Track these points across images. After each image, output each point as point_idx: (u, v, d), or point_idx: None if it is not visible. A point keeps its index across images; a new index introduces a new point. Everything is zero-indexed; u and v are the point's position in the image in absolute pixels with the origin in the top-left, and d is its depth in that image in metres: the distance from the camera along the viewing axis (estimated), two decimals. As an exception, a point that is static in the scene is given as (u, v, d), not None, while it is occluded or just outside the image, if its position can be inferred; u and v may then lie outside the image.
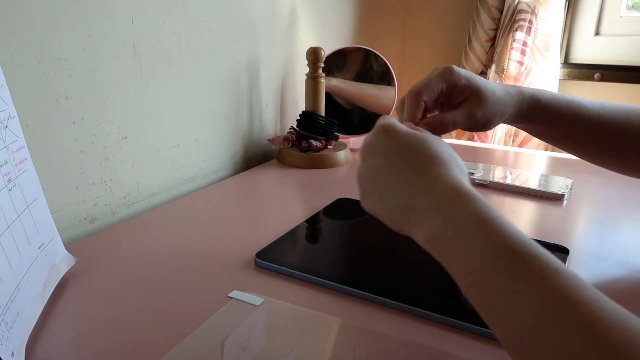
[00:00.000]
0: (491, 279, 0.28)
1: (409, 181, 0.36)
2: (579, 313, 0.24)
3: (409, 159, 0.37)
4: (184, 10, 0.72)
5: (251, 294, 0.45)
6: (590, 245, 0.59)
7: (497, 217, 0.31)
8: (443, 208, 0.33)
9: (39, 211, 0.45)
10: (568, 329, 0.24)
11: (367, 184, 0.39)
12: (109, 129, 0.64)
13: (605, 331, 0.23)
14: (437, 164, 0.36)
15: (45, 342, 0.39)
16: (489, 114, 0.47)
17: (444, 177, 0.34)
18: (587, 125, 0.51)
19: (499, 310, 0.27)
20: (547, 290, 0.26)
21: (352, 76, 1.01)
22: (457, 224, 0.31)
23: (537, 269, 0.27)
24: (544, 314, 0.25)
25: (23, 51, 0.52)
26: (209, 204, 0.70)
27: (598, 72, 1.25)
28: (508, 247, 0.28)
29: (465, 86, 0.47)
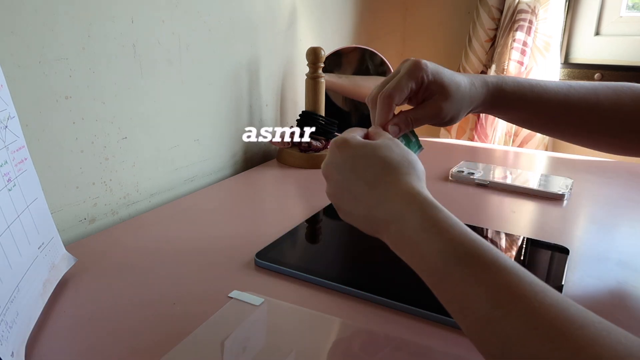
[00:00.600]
0: (450, 278, 0.31)
1: (365, 194, 0.38)
2: (522, 307, 0.27)
3: (363, 170, 0.39)
4: (184, 10, 0.72)
5: (251, 294, 0.45)
6: (590, 245, 0.59)
7: (446, 219, 0.34)
8: (398, 218, 0.36)
9: (39, 211, 0.45)
10: (512, 323, 0.27)
11: (334, 200, 0.42)
12: (109, 129, 0.64)
13: (545, 322, 0.26)
14: (388, 172, 0.38)
15: (45, 342, 0.39)
16: (454, 109, 0.48)
17: (396, 186, 0.37)
18: (554, 108, 0.51)
19: (458, 305, 0.31)
20: (495, 286, 0.29)
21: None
22: (412, 232, 0.34)
23: (486, 266, 0.30)
24: (492, 309, 0.28)
25: (23, 51, 0.52)
26: (209, 204, 0.70)
27: (598, 72, 1.25)
28: (459, 248, 0.31)
29: (432, 82, 0.47)
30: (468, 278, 0.30)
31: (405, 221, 0.35)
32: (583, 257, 0.56)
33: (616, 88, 0.52)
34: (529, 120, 0.54)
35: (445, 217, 0.34)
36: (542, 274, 0.52)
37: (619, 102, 0.51)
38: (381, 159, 0.39)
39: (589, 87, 0.52)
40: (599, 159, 0.95)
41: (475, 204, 0.72)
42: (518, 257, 0.55)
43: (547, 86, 0.51)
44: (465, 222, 0.64)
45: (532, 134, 1.24)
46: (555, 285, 0.49)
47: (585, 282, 0.51)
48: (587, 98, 0.51)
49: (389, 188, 0.37)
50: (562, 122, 0.53)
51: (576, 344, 0.25)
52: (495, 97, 0.51)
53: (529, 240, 0.59)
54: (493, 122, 1.25)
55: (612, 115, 0.51)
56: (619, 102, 0.51)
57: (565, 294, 0.48)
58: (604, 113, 0.51)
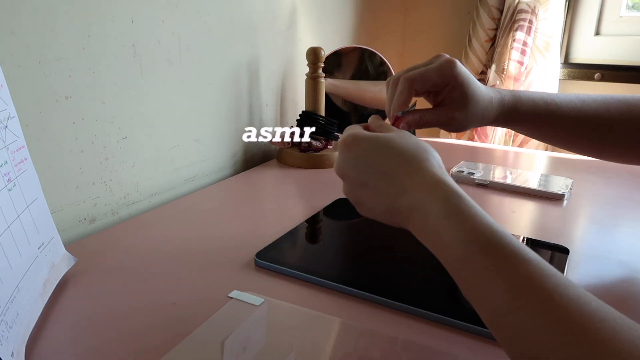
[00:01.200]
0: (470, 267, 0.31)
1: (386, 186, 0.38)
2: (541, 300, 0.27)
3: (380, 163, 0.38)
4: (184, 10, 0.72)
5: (251, 294, 0.45)
6: (590, 245, 0.59)
7: (469, 208, 0.34)
8: (421, 206, 0.35)
9: (39, 211, 0.45)
10: (530, 315, 0.27)
11: (354, 198, 0.41)
12: (109, 129, 0.64)
13: (564, 315, 0.26)
14: (407, 162, 0.37)
15: (45, 342, 0.39)
16: (465, 122, 0.49)
17: (417, 174, 0.37)
18: (567, 123, 0.52)
19: (478, 294, 0.30)
20: (514, 277, 0.29)
21: (351, 76, 1.02)
22: (435, 219, 0.34)
23: (507, 257, 0.30)
24: (511, 301, 0.28)
25: (23, 51, 0.52)
26: (209, 204, 0.70)
27: (598, 72, 1.25)
28: (481, 238, 0.31)
29: (458, 87, 0.47)
30: (488, 268, 0.30)
31: (428, 209, 0.35)
32: (583, 257, 0.56)
33: (627, 101, 0.52)
34: (542, 134, 0.55)
35: (468, 205, 0.34)
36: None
37: (630, 115, 0.52)
38: (397, 149, 0.38)
39: (600, 101, 0.52)
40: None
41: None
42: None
43: (560, 102, 0.52)
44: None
45: (532, 134, 1.24)
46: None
47: (585, 282, 0.51)
48: (599, 112, 0.52)
49: (410, 177, 0.37)
50: (574, 136, 0.54)
51: (595, 337, 0.25)
52: (509, 115, 0.51)
53: (529, 240, 0.59)
54: (493, 122, 1.25)
55: (623, 128, 0.52)
56: (630, 115, 0.52)
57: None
58: (615, 125, 0.52)
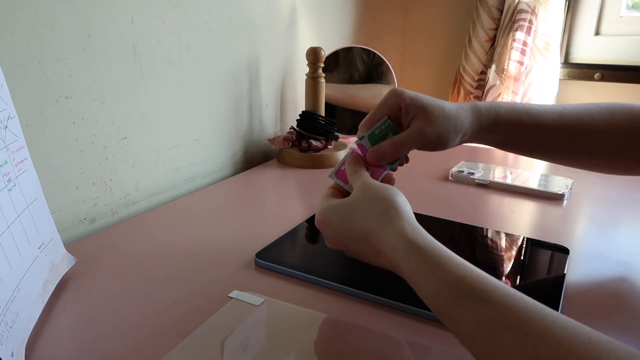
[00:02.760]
0: (446, 318, 0.33)
1: (364, 248, 0.41)
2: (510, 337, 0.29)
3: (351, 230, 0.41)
4: (184, 10, 0.72)
5: (251, 294, 0.45)
6: (590, 245, 0.59)
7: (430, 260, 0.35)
8: (395, 265, 0.38)
9: (39, 211, 0.45)
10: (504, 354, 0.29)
11: (357, 257, 0.44)
12: (109, 129, 0.64)
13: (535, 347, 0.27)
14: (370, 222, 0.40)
15: (45, 342, 0.39)
16: (440, 129, 0.47)
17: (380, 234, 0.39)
18: (551, 132, 0.51)
19: (460, 337, 0.32)
20: (484, 321, 0.30)
21: (351, 77, 1.01)
22: (409, 278, 0.36)
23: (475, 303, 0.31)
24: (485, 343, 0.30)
25: (23, 51, 0.52)
26: (209, 204, 0.70)
27: (598, 72, 1.25)
28: (449, 288, 0.33)
29: (410, 105, 0.47)
30: (459, 317, 0.32)
31: (399, 268, 0.37)
32: (583, 257, 0.56)
33: (610, 107, 0.51)
34: (525, 143, 0.53)
35: (429, 257, 0.35)
36: (542, 274, 0.52)
37: (613, 122, 0.50)
38: (359, 211, 0.41)
39: (582, 108, 0.51)
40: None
41: (475, 204, 0.72)
42: (518, 257, 0.55)
43: (541, 109, 0.51)
44: (466, 222, 0.64)
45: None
46: (555, 285, 0.49)
47: (585, 282, 0.51)
48: (582, 118, 0.51)
49: (376, 237, 0.39)
50: (557, 143, 0.52)
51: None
52: (492, 120, 0.50)
53: (529, 240, 0.59)
54: (493, 122, 1.25)
55: (606, 135, 0.51)
56: (613, 122, 0.50)
57: (565, 294, 0.48)
58: (598, 133, 0.50)
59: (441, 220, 0.64)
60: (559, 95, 1.27)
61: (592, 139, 0.51)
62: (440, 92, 1.48)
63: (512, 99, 1.21)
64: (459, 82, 1.32)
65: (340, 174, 0.48)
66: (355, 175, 0.46)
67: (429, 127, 0.46)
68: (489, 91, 1.24)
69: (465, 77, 1.30)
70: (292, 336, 0.41)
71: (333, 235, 0.43)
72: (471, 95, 1.30)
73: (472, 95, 1.30)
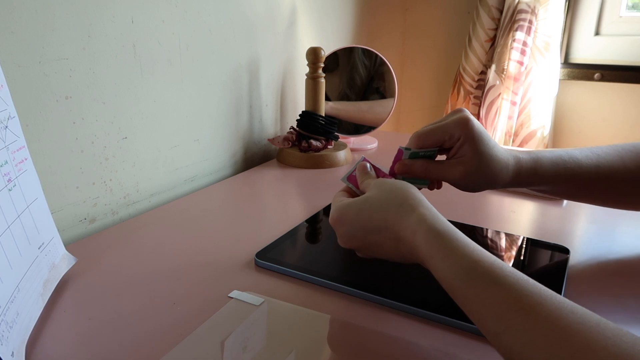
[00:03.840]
0: (460, 299, 0.35)
1: (384, 238, 0.42)
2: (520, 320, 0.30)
3: (369, 223, 0.42)
4: (184, 10, 0.72)
5: (251, 294, 0.45)
6: (590, 245, 0.59)
7: (448, 244, 0.37)
8: (415, 250, 0.39)
9: (39, 211, 0.45)
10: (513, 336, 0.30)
11: (369, 255, 0.45)
12: (109, 129, 0.64)
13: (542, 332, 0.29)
14: (388, 212, 0.41)
15: (45, 342, 0.39)
16: (475, 179, 0.47)
17: (400, 222, 0.40)
18: (586, 182, 0.51)
19: (474, 319, 0.34)
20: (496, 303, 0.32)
21: (351, 77, 1.01)
22: (426, 262, 0.38)
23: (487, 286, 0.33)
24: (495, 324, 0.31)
25: (23, 51, 0.52)
26: (209, 204, 0.70)
27: (598, 72, 1.25)
28: (461, 272, 0.35)
29: (469, 141, 0.46)
30: (472, 299, 0.33)
31: (418, 252, 0.39)
32: (583, 257, 0.56)
33: (638, 150, 0.52)
34: (561, 193, 0.55)
35: (447, 241, 0.37)
36: (542, 274, 0.52)
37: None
38: (377, 204, 0.42)
39: (613, 154, 0.52)
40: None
41: (475, 204, 0.72)
42: (518, 257, 0.55)
43: (579, 160, 0.51)
44: (466, 222, 0.64)
45: (532, 134, 1.24)
46: (556, 285, 0.49)
47: (585, 282, 0.51)
48: (615, 166, 0.51)
49: (396, 226, 0.40)
50: (595, 193, 0.54)
51: (572, 349, 0.27)
52: (530, 175, 0.50)
53: (529, 240, 0.59)
54: (493, 122, 1.25)
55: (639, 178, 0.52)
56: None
57: (565, 294, 0.48)
58: (631, 178, 0.52)
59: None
60: (558, 95, 1.27)
61: (625, 185, 0.52)
62: (440, 92, 1.48)
63: (512, 99, 1.21)
64: (459, 82, 1.32)
65: (352, 178, 0.50)
66: (366, 179, 0.47)
67: (467, 170, 0.47)
68: (489, 91, 1.24)
69: (465, 77, 1.30)
70: (292, 336, 0.41)
71: (348, 231, 0.44)
72: (471, 95, 1.31)
73: (472, 95, 1.30)
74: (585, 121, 1.31)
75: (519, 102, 1.22)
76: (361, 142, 1.03)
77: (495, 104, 1.23)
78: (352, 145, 1.00)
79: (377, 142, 1.04)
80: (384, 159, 0.96)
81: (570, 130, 1.33)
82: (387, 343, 0.40)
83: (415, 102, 1.53)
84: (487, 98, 1.25)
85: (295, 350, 0.39)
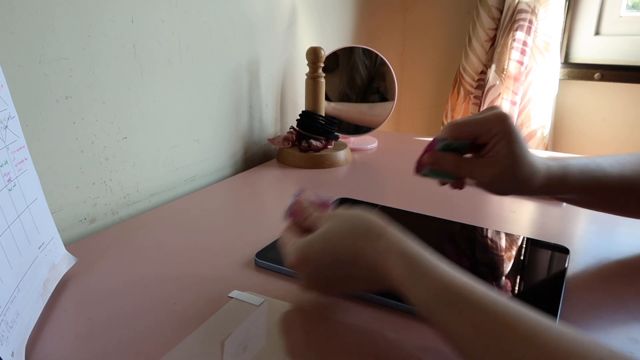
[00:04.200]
0: (437, 324, 0.33)
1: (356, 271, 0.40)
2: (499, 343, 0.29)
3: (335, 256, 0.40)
4: (184, 10, 0.72)
5: (251, 294, 0.45)
6: (590, 245, 0.59)
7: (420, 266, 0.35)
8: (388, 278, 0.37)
9: (39, 211, 0.45)
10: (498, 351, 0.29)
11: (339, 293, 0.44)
12: (109, 129, 0.64)
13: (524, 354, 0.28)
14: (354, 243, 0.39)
15: (45, 342, 0.39)
16: (506, 179, 0.45)
17: (368, 250, 0.38)
18: (612, 190, 0.51)
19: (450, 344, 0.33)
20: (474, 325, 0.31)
21: (351, 77, 1.01)
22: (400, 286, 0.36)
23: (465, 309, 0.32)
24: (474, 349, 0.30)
25: (23, 51, 0.52)
26: (209, 204, 0.70)
27: (598, 72, 1.25)
28: (439, 293, 0.33)
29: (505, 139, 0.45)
30: (449, 320, 0.32)
31: (392, 278, 0.37)
32: (583, 257, 0.56)
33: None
34: (588, 203, 0.54)
35: (418, 265, 0.35)
36: (542, 274, 0.52)
37: None
38: (340, 234, 0.40)
39: (636, 163, 0.51)
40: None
41: (475, 204, 0.72)
42: (518, 257, 0.55)
43: (605, 169, 0.50)
44: (466, 222, 0.64)
45: (532, 134, 1.24)
46: (556, 285, 0.49)
47: (585, 281, 0.51)
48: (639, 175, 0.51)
49: (366, 254, 0.38)
50: (617, 200, 0.53)
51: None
52: (556, 187, 0.49)
53: (529, 240, 0.59)
54: (493, 122, 1.25)
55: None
56: None
57: (565, 294, 0.48)
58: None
59: (441, 220, 0.64)
60: (558, 95, 1.27)
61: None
62: (440, 92, 1.48)
63: (512, 99, 1.21)
64: (459, 82, 1.32)
65: (294, 214, 0.46)
66: (314, 212, 0.45)
67: (499, 169, 0.45)
68: (489, 91, 1.24)
69: (465, 77, 1.30)
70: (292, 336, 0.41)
71: (315, 272, 0.41)
72: (471, 95, 1.31)
73: (472, 95, 1.30)
74: (585, 121, 1.31)
75: (519, 102, 1.22)
76: (361, 142, 1.03)
77: (495, 104, 1.23)
78: (352, 145, 1.00)
79: (377, 142, 1.04)
80: (384, 159, 0.96)
81: (570, 130, 1.33)
82: (387, 343, 0.40)
83: (415, 102, 1.53)
84: (487, 98, 1.25)
85: (295, 351, 0.39)
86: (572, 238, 0.61)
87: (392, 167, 0.91)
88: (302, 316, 0.43)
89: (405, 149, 1.04)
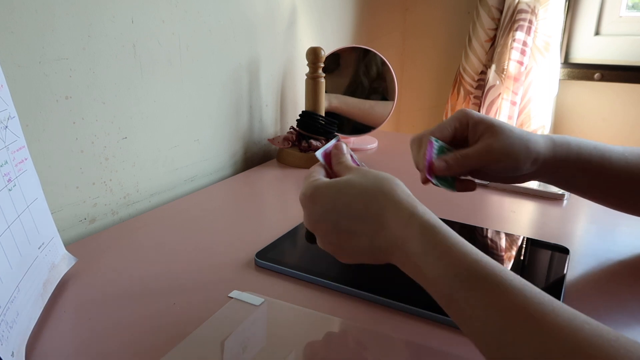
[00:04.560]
0: (457, 304, 0.31)
1: (361, 226, 0.37)
2: (531, 330, 0.27)
3: (348, 207, 0.38)
4: (184, 10, 0.72)
5: (251, 294, 0.45)
6: (590, 245, 0.59)
7: (445, 240, 0.33)
8: (400, 243, 0.35)
9: (39, 211, 0.45)
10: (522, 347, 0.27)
11: (332, 248, 0.40)
12: (109, 129, 0.64)
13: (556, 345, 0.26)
14: (373, 198, 0.37)
15: (45, 342, 0.39)
16: (508, 148, 0.45)
17: (388, 210, 0.36)
18: (615, 172, 0.49)
19: (471, 329, 0.30)
20: (502, 310, 0.28)
21: (351, 77, 1.01)
22: (415, 258, 0.34)
23: (491, 289, 0.29)
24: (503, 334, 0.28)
25: (23, 51, 0.52)
26: (209, 204, 0.70)
27: (598, 72, 1.25)
28: (462, 272, 0.31)
29: (479, 122, 0.47)
30: (475, 302, 0.30)
31: (407, 246, 0.35)
32: (583, 257, 0.56)
33: None
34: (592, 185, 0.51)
35: (444, 237, 0.33)
36: (542, 274, 0.52)
37: None
38: (360, 187, 0.38)
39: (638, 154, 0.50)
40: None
41: (475, 204, 0.72)
42: (518, 257, 0.55)
43: (605, 146, 0.49)
44: (466, 222, 0.64)
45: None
46: (556, 285, 0.49)
47: (585, 282, 0.51)
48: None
49: (382, 214, 0.36)
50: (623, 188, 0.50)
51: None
52: (565, 151, 0.48)
53: (529, 240, 0.59)
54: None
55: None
56: None
57: (565, 294, 0.48)
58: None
59: (441, 220, 0.64)
60: (558, 95, 1.27)
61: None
62: (440, 92, 1.48)
63: (512, 99, 1.21)
64: (459, 82, 1.32)
65: (326, 157, 0.45)
66: (343, 161, 0.43)
67: (496, 143, 0.45)
68: (489, 91, 1.24)
69: (465, 77, 1.30)
70: (292, 336, 0.41)
71: (319, 211, 0.39)
72: (471, 95, 1.30)
73: (472, 95, 1.30)
74: (585, 121, 1.31)
75: (519, 102, 1.22)
76: (361, 142, 1.03)
77: (495, 104, 1.23)
78: (352, 145, 1.00)
79: (377, 142, 1.04)
80: (384, 159, 0.96)
81: (570, 130, 1.33)
82: (387, 343, 0.40)
83: (415, 102, 1.53)
84: (487, 98, 1.25)
85: (295, 350, 0.39)
86: (572, 238, 0.61)
87: (392, 167, 0.91)
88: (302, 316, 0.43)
89: (405, 149, 1.04)
